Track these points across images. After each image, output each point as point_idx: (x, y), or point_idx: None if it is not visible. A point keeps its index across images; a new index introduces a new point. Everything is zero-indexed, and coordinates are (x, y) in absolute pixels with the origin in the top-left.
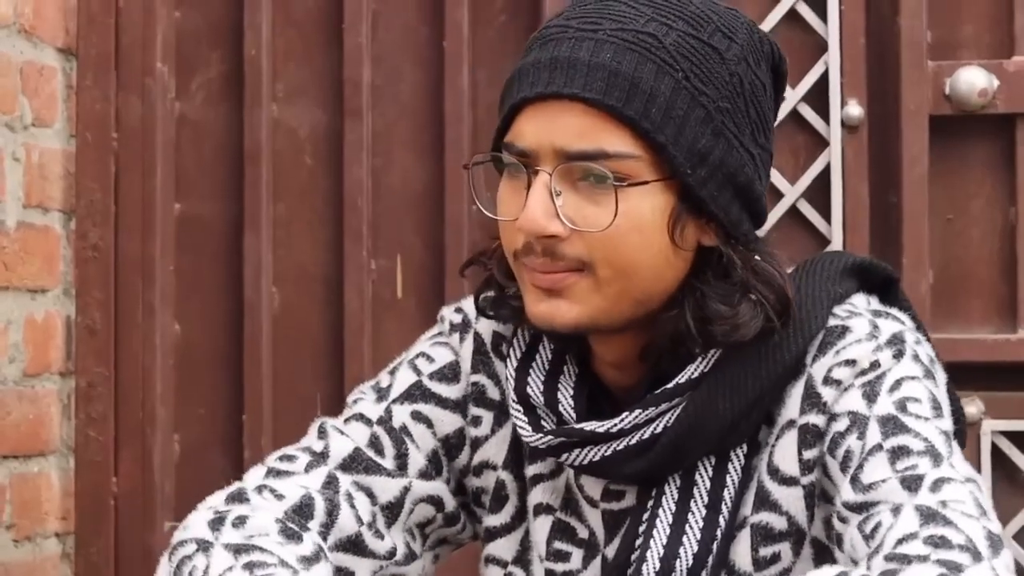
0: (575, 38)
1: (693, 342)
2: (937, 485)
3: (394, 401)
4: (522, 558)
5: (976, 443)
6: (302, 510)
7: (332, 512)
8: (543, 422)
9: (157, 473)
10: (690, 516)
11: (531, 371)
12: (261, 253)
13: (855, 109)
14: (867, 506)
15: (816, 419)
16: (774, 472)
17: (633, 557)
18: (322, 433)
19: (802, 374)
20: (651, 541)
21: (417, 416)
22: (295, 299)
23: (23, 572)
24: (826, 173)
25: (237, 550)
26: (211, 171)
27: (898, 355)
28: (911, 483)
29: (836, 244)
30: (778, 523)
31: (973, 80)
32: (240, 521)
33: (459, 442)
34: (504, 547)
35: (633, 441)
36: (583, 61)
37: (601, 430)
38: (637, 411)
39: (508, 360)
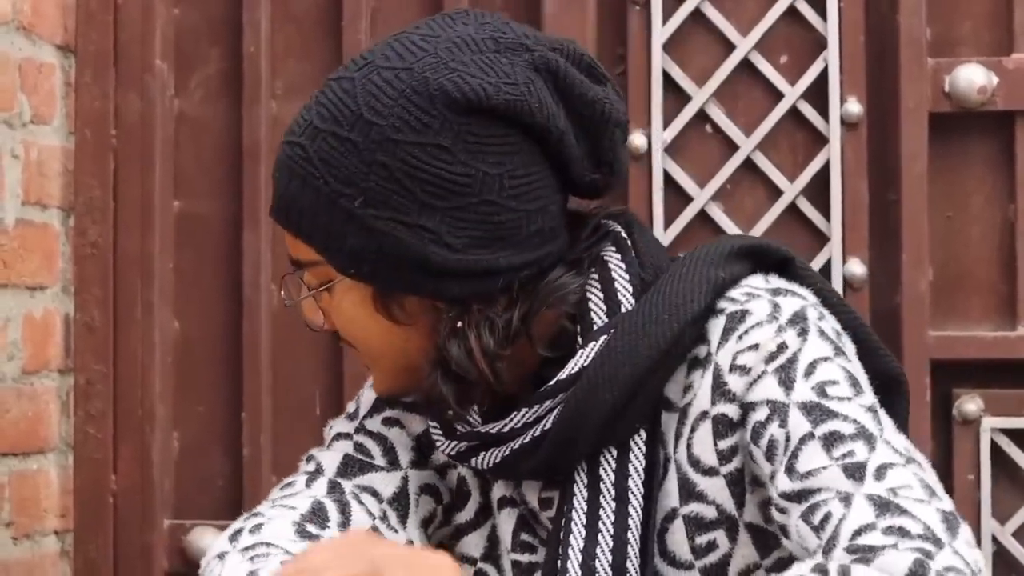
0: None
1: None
2: (881, 472)
3: (364, 417)
4: (491, 554)
5: (976, 440)
6: (316, 515)
7: (345, 511)
8: (457, 431)
9: (156, 471)
10: (601, 512)
11: None
12: (260, 250)
13: (854, 106)
14: (807, 494)
15: (726, 408)
16: (695, 463)
17: (559, 564)
18: (310, 458)
19: (709, 364)
20: (570, 546)
21: (388, 421)
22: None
23: (22, 570)
24: (825, 170)
25: (246, 549)
26: (210, 168)
27: (802, 333)
28: (854, 471)
29: (835, 242)
30: (707, 512)
31: (972, 77)
32: (256, 528)
33: (428, 441)
34: (472, 544)
35: (527, 439)
36: (275, 182)
37: (494, 431)
38: (524, 410)
39: None
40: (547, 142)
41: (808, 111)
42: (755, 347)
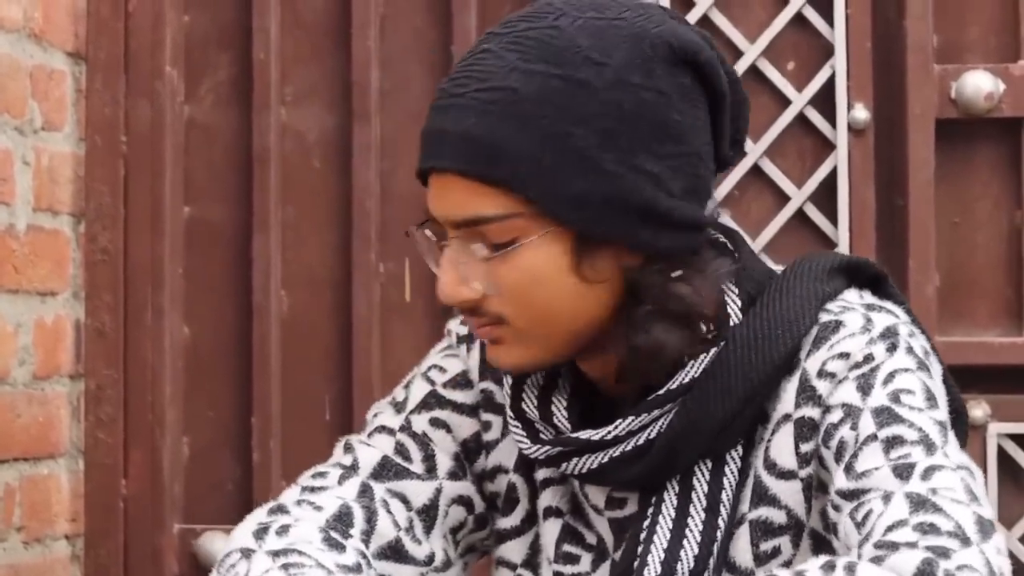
0: (446, 106)
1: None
2: (928, 473)
3: (412, 412)
4: (531, 561)
5: (982, 446)
6: (342, 519)
7: (371, 519)
8: (541, 435)
9: (166, 475)
10: (690, 520)
11: (525, 387)
12: (270, 256)
13: (861, 113)
14: (859, 493)
15: (811, 412)
16: (771, 467)
17: (636, 564)
18: (348, 448)
19: (797, 369)
20: (652, 546)
21: (435, 422)
22: (304, 302)
23: (33, 574)
24: (832, 176)
25: (277, 554)
26: (220, 174)
27: (892, 348)
28: (902, 471)
29: (842, 247)
30: (777, 517)
31: (979, 84)
32: (283, 530)
33: (476, 446)
34: (514, 549)
35: (629, 447)
36: (450, 131)
37: (596, 438)
38: (631, 418)
39: (504, 378)
40: (718, 109)
41: (815, 117)
42: (844, 355)
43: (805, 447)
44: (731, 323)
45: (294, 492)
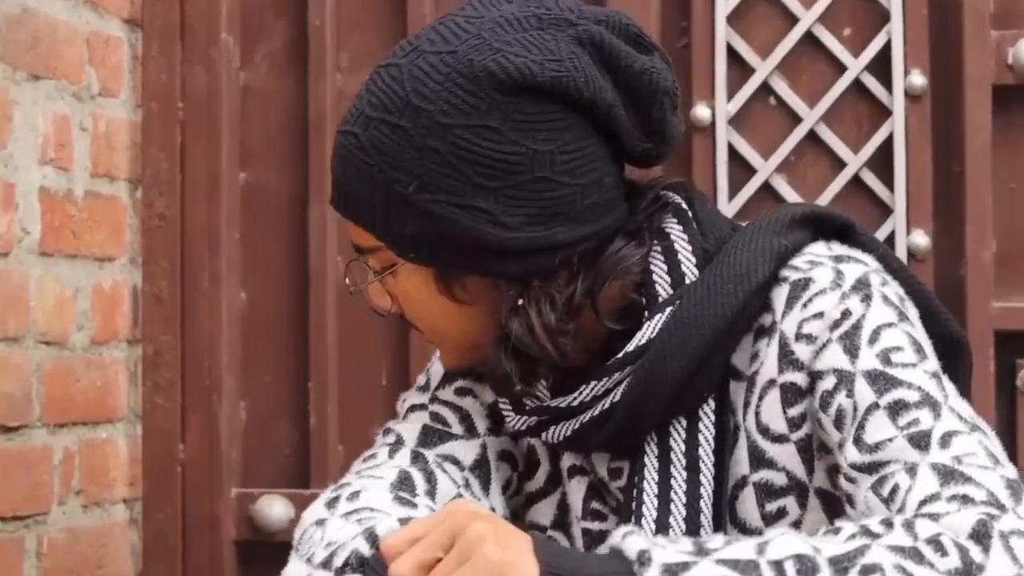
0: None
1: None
2: (946, 440)
3: (436, 388)
4: (561, 521)
5: None
6: (404, 483)
7: (431, 480)
8: (526, 407)
9: (224, 440)
10: (672, 481)
11: None
12: (326, 222)
13: (918, 79)
14: (877, 466)
15: (794, 376)
16: (764, 431)
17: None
18: (387, 431)
19: (774, 332)
20: (642, 516)
21: (461, 391)
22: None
23: (91, 537)
24: (889, 142)
25: (349, 514)
26: (276, 141)
27: (866, 299)
28: (919, 441)
29: (899, 213)
30: (778, 479)
31: None
32: (354, 496)
33: (499, 410)
34: (542, 511)
35: (596, 412)
36: (332, 171)
37: (564, 404)
38: (593, 383)
39: None
40: (596, 115)
41: (872, 83)
42: (820, 315)
43: (793, 411)
44: (686, 282)
45: (351, 474)
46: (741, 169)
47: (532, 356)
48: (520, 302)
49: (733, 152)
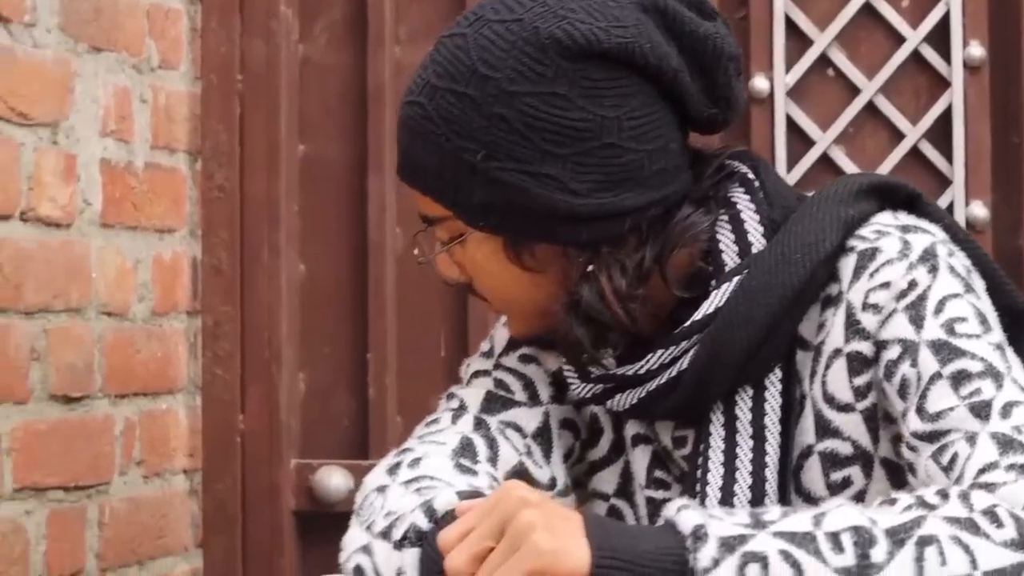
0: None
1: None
2: (1007, 410)
3: (500, 354)
4: (624, 490)
5: None
6: (466, 450)
7: (492, 447)
8: (591, 375)
9: (283, 411)
10: (738, 449)
11: None
12: (385, 193)
13: (977, 50)
14: (938, 435)
15: (860, 346)
16: (830, 400)
17: (696, 500)
18: (451, 396)
19: (840, 301)
20: (707, 484)
21: (524, 358)
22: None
23: (152, 507)
24: (947, 114)
25: (409, 482)
26: (335, 112)
27: (932, 270)
28: (980, 410)
29: (958, 184)
30: (843, 449)
31: None
32: (415, 463)
33: (564, 378)
34: (606, 480)
35: (663, 380)
36: (399, 142)
37: (630, 372)
38: (660, 351)
39: None
40: (661, 82)
41: (930, 55)
42: (886, 285)
43: (859, 380)
44: (753, 251)
45: (413, 439)
46: (799, 141)
47: (603, 322)
48: (590, 268)
49: (791, 124)
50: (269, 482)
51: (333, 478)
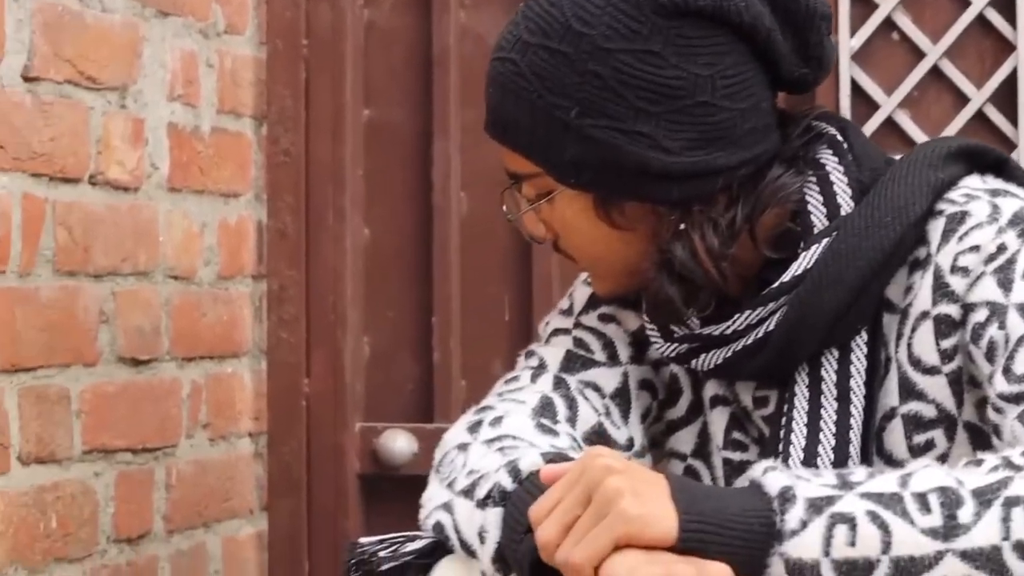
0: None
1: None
2: None
3: (580, 313)
4: (701, 451)
5: None
6: (545, 410)
7: (572, 407)
8: (674, 334)
9: (348, 375)
10: (822, 411)
11: None
12: (449, 158)
13: None
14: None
15: (948, 309)
16: (916, 363)
17: (779, 459)
18: (530, 354)
19: (929, 264)
20: (791, 444)
21: (604, 317)
22: (483, 203)
23: (218, 470)
24: (1013, 78)
25: (491, 441)
26: (400, 77)
27: (1022, 234)
28: None
29: (1023, 148)
30: (927, 411)
31: None
32: (496, 421)
33: (643, 338)
34: (683, 440)
35: (749, 341)
36: (488, 98)
37: (717, 333)
38: (747, 312)
39: None
40: (755, 40)
41: (995, 18)
42: (975, 248)
43: (946, 343)
44: (842, 213)
45: (493, 396)
46: (864, 104)
47: (694, 281)
48: (682, 227)
49: (856, 88)
50: (334, 445)
51: (397, 441)
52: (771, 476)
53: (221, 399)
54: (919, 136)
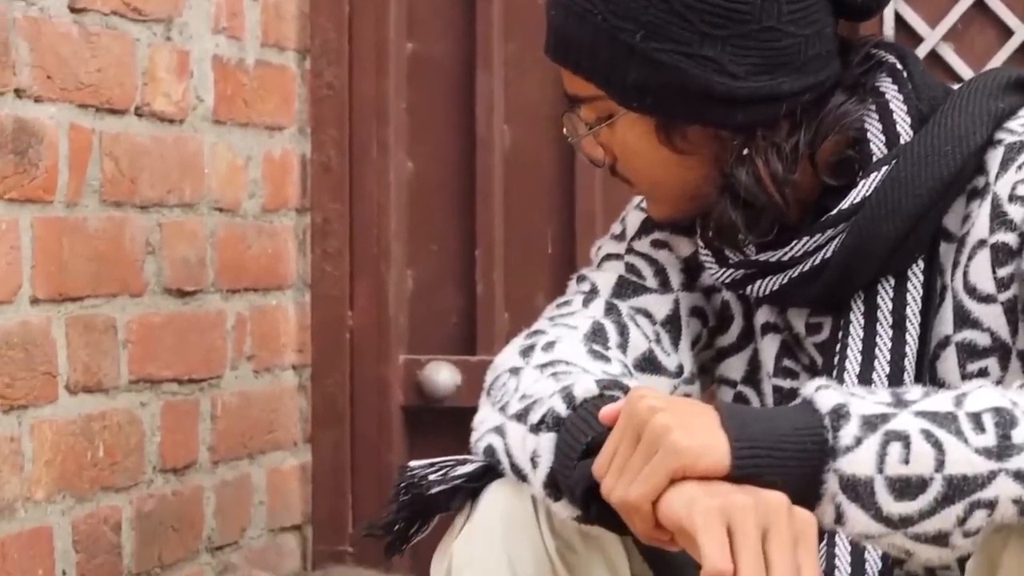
0: None
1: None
2: None
3: (633, 238)
4: (752, 378)
5: None
6: (597, 335)
7: (623, 333)
8: (729, 260)
9: (391, 307)
10: (878, 338)
11: None
12: (493, 91)
13: None
14: None
15: (1006, 237)
16: (971, 291)
17: None
18: (581, 279)
19: (987, 193)
20: (846, 364)
21: (656, 243)
22: (526, 136)
23: (262, 401)
24: None
25: (544, 366)
26: (443, 10)
27: None
28: None
29: None
30: (982, 340)
31: None
32: (548, 346)
33: (695, 264)
34: (734, 366)
35: (806, 267)
36: (550, 19)
37: (773, 259)
38: (805, 238)
39: None
40: None
41: None
42: None
43: (1002, 272)
44: (901, 142)
45: (544, 320)
46: (908, 38)
47: (757, 206)
48: (746, 152)
49: (900, 21)
50: (377, 377)
51: (441, 373)
52: (823, 394)
53: (265, 331)
54: (963, 69)
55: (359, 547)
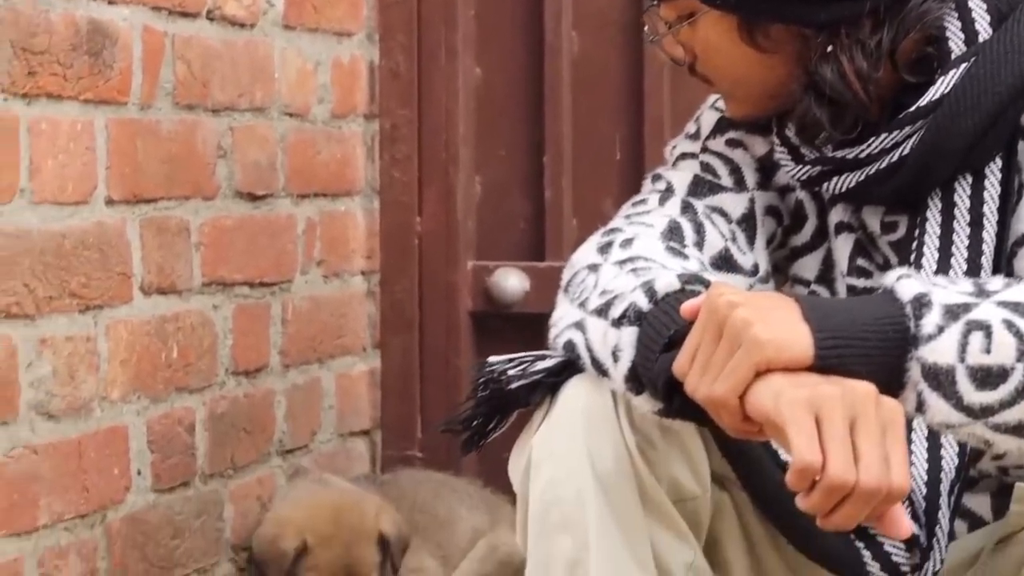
0: None
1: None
2: None
3: (707, 137)
4: (825, 276)
5: None
6: (674, 233)
7: (699, 231)
8: (805, 157)
9: (460, 213)
10: (954, 236)
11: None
12: None
13: None
14: None
15: None
16: None
17: None
18: (656, 177)
19: None
20: (922, 268)
21: (731, 143)
22: (595, 43)
23: (331, 306)
24: None
25: (623, 263)
26: None
27: None
28: None
29: None
30: None
31: None
32: (626, 243)
33: (770, 164)
34: (807, 266)
35: (883, 165)
36: None
37: (851, 156)
38: (883, 135)
39: None
40: None
41: None
42: None
43: None
44: (980, 40)
45: (620, 218)
46: None
47: (842, 102)
48: (830, 49)
49: None
50: (446, 283)
51: (509, 279)
52: (905, 283)
53: (335, 236)
54: None
55: (427, 452)
